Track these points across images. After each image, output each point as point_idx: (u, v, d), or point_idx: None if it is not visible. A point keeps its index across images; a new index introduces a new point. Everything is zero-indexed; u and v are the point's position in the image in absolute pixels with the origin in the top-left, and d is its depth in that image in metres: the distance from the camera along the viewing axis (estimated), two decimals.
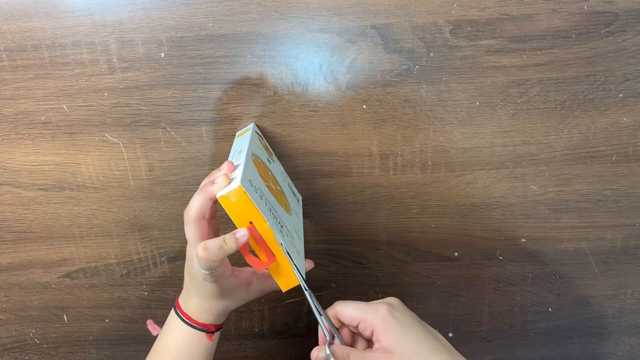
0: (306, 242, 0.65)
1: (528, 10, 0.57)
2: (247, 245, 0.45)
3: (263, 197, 0.47)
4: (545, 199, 0.63)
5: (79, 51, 0.58)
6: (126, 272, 0.65)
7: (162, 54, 0.58)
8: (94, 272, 0.65)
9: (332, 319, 0.46)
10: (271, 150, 0.60)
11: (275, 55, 0.58)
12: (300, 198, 0.62)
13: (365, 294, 0.67)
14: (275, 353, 0.69)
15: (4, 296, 0.66)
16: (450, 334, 0.68)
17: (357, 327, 0.45)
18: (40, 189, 0.62)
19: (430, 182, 0.62)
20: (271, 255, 0.45)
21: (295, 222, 0.55)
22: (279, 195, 0.54)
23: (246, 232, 0.44)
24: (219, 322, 0.51)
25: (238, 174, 0.46)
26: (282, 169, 0.61)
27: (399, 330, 0.43)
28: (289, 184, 0.60)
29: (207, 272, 0.45)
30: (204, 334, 0.50)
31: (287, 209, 0.54)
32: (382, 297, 0.46)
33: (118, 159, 0.61)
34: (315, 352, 0.45)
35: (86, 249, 0.65)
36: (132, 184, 0.62)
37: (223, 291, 0.48)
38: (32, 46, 0.58)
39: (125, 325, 0.67)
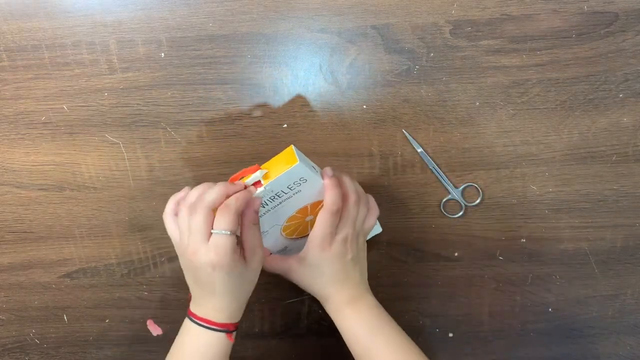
0: None
1: (528, 10, 0.57)
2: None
3: (292, 190, 0.50)
4: (545, 199, 0.62)
5: (79, 51, 0.58)
6: (126, 272, 0.65)
7: (162, 54, 0.58)
8: (94, 272, 0.65)
9: None
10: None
11: (275, 55, 0.58)
12: None
13: None
14: (275, 353, 0.69)
15: (4, 296, 0.66)
16: (450, 334, 0.68)
17: None
18: (40, 189, 0.62)
19: (430, 182, 0.62)
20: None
21: (274, 240, 0.56)
22: (299, 224, 0.55)
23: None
24: (236, 319, 0.52)
25: (313, 174, 0.50)
26: None
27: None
28: None
29: (228, 233, 0.46)
30: (223, 335, 0.50)
31: (289, 233, 0.56)
32: (383, 297, 0.47)
33: (118, 159, 0.61)
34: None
35: (86, 249, 0.65)
36: (132, 184, 0.62)
37: (231, 280, 0.48)
38: (32, 46, 0.58)
39: (125, 325, 0.67)
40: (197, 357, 0.50)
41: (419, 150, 0.61)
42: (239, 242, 0.49)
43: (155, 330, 0.67)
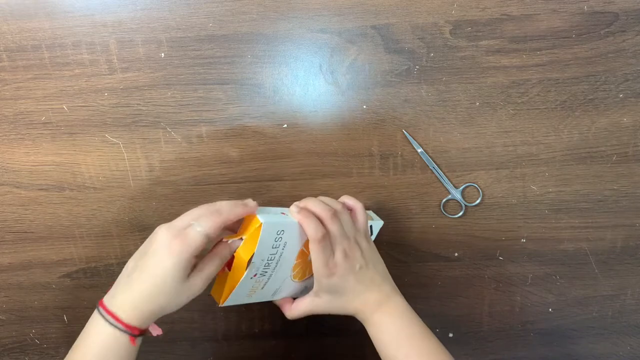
0: None
1: (528, 10, 0.57)
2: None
3: (279, 247, 0.50)
4: (545, 199, 0.63)
5: (79, 51, 0.58)
6: None
7: (162, 54, 0.58)
8: (94, 272, 0.65)
9: None
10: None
11: (275, 55, 0.58)
12: None
13: None
14: (275, 353, 0.69)
15: (4, 296, 0.66)
16: (451, 334, 0.68)
17: None
18: (40, 189, 0.62)
19: (430, 182, 0.62)
20: (227, 268, 0.52)
21: (292, 288, 0.56)
22: (306, 265, 0.55)
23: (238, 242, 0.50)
24: (144, 325, 0.48)
25: (286, 220, 0.50)
26: None
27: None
28: None
29: (204, 233, 0.46)
30: (125, 336, 0.46)
31: (301, 277, 0.56)
32: None
33: (118, 159, 0.61)
34: None
35: (86, 249, 0.65)
36: (132, 184, 0.62)
37: (166, 278, 0.46)
38: (32, 46, 0.58)
39: None
40: (91, 356, 0.46)
41: (419, 150, 0.61)
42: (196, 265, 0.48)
43: (155, 330, 0.67)
